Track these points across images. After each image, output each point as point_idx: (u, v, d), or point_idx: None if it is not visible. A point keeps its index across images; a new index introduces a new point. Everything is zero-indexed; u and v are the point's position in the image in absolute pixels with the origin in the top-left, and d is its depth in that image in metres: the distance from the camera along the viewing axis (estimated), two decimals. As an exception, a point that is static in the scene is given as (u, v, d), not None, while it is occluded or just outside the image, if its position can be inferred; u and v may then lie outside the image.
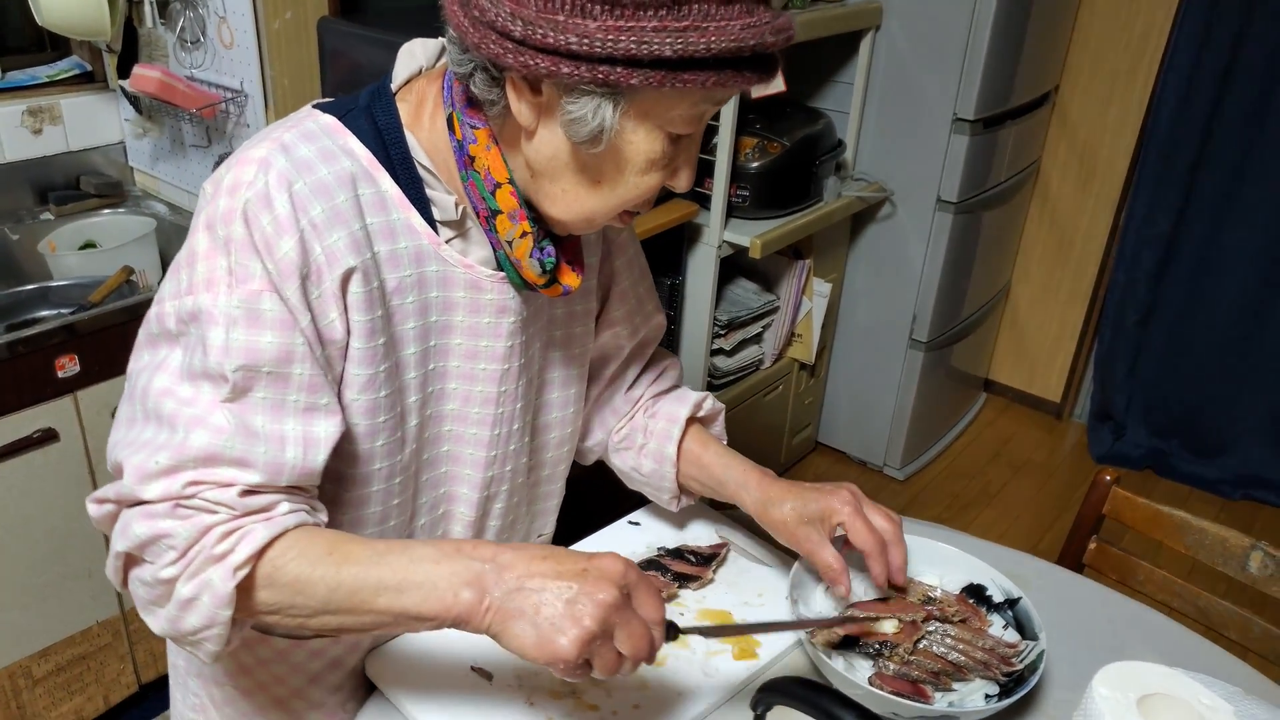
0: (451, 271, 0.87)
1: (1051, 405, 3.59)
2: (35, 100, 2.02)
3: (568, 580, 0.75)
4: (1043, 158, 3.28)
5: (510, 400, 0.96)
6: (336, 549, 0.77)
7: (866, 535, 1.01)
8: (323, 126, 0.82)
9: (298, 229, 0.77)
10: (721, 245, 2.34)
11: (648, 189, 0.82)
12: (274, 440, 0.77)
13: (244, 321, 0.76)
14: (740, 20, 0.71)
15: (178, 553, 0.74)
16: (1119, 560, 1.46)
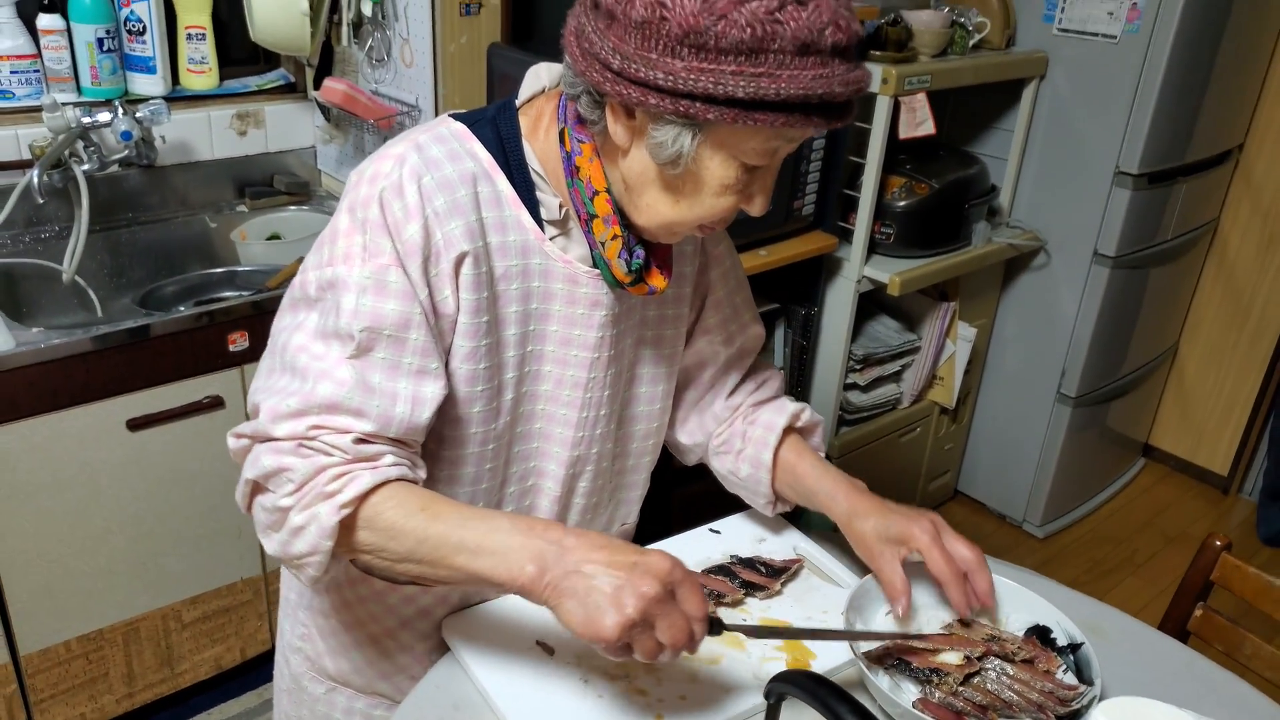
0: (552, 265, 0.98)
1: (1217, 478, 3.38)
2: (244, 106, 2.27)
3: (618, 570, 0.83)
4: (1222, 217, 3.12)
5: (599, 387, 1.05)
6: (429, 506, 0.88)
7: (943, 564, 1.07)
8: (453, 132, 0.94)
9: (423, 216, 0.89)
10: (861, 280, 2.35)
11: (723, 209, 0.91)
12: (387, 396, 0.89)
13: (373, 290, 0.88)
14: (813, 71, 0.78)
15: (295, 485, 0.86)
16: (1225, 630, 1.40)
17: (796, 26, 0.77)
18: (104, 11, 2.03)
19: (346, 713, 1.16)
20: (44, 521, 1.75)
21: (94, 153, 2.03)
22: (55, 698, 1.88)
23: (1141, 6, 2.40)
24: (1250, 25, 2.64)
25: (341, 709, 1.16)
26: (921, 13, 2.29)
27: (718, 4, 0.76)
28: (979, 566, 1.08)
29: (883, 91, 2.17)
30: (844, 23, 0.79)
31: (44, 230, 2.07)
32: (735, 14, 0.76)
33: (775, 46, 0.77)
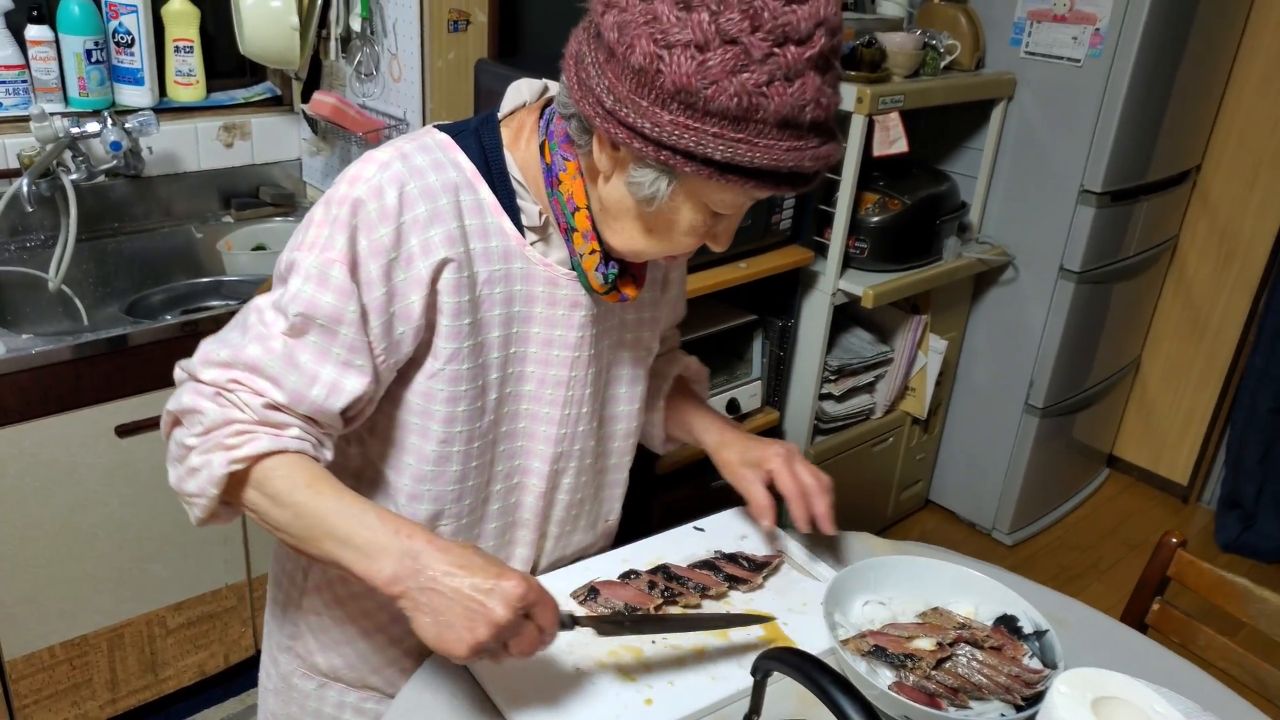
0: (533, 269, 1.03)
1: (1178, 488, 3.48)
2: (231, 118, 2.31)
3: (474, 594, 0.86)
4: (1181, 235, 3.23)
5: (580, 385, 1.10)
6: (315, 484, 0.92)
7: (789, 483, 1.22)
8: (438, 142, 0.99)
9: (398, 221, 0.93)
10: (836, 293, 2.42)
11: (688, 246, 0.98)
12: (308, 376, 0.93)
13: (315, 280, 0.92)
14: (789, 144, 0.84)
15: (202, 429, 0.91)
16: (1181, 623, 1.47)
17: (780, 102, 0.81)
18: (93, 23, 2.07)
19: (338, 707, 1.18)
20: (31, 526, 1.76)
21: (82, 162, 2.05)
22: (39, 703, 1.89)
23: (1104, 32, 2.50)
24: (1206, 52, 2.75)
25: (333, 704, 1.18)
26: (895, 34, 2.37)
27: (711, 69, 0.80)
28: (819, 492, 1.22)
29: (858, 111, 2.24)
30: (825, 101, 0.84)
31: (31, 239, 2.09)
32: (726, 82, 0.80)
33: (758, 117, 0.81)
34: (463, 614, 0.86)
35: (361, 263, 0.93)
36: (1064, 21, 2.56)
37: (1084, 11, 2.52)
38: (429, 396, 1.01)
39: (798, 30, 0.80)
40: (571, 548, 1.24)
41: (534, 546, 1.18)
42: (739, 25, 0.79)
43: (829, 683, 0.78)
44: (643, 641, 1.12)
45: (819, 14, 0.81)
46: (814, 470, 1.23)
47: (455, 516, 1.09)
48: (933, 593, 1.21)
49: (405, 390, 1.02)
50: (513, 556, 1.18)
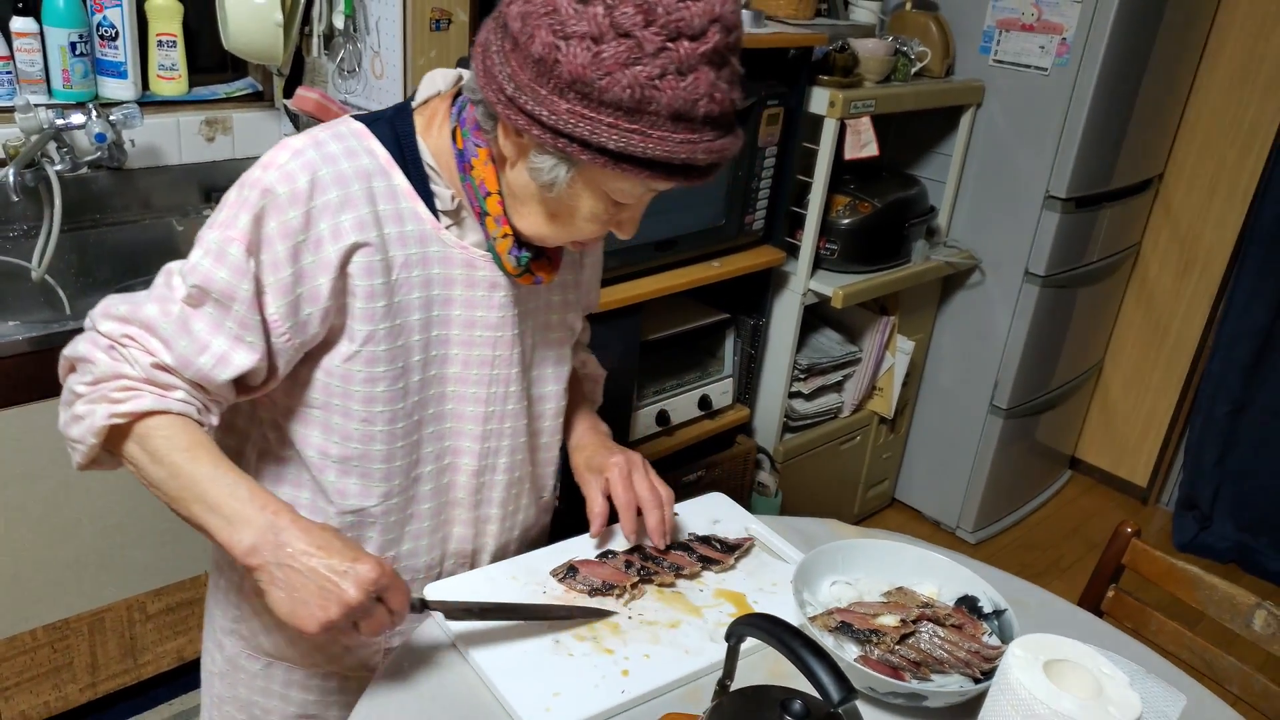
0: (450, 252, 1.06)
1: (1137, 489, 3.57)
2: (213, 113, 2.33)
3: (329, 575, 0.91)
4: (1143, 242, 3.32)
5: (505, 364, 1.14)
6: (193, 449, 0.95)
7: (620, 495, 1.22)
8: (353, 130, 1.02)
9: (308, 205, 0.96)
10: (806, 293, 2.48)
11: (592, 233, 1.02)
12: (198, 343, 0.96)
13: (213, 255, 0.95)
14: (683, 136, 0.87)
15: (92, 378, 0.95)
16: (1134, 609, 1.54)
17: (673, 95, 0.84)
18: (77, 16, 2.08)
19: (285, 685, 1.20)
20: (15, 511, 1.78)
21: (66, 154, 2.07)
22: (20, 685, 1.90)
23: (1070, 41, 2.58)
24: (1170, 63, 2.85)
25: (280, 682, 1.20)
26: (867, 41, 2.44)
27: (605, 61, 0.83)
28: (652, 505, 1.22)
29: (830, 114, 2.30)
30: (720, 95, 0.87)
31: (14, 229, 2.10)
32: (620, 74, 0.83)
33: (651, 109, 0.85)
34: (316, 592, 0.90)
35: (266, 243, 0.95)
36: (1032, 31, 2.64)
37: (1051, 21, 2.60)
38: (347, 378, 1.04)
39: (691, 26, 0.84)
40: (518, 528, 1.27)
41: (472, 525, 1.20)
42: (633, 19, 0.83)
43: (799, 645, 0.83)
44: (619, 616, 1.16)
45: (714, 11, 0.85)
46: (654, 482, 1.24)
47: (385, 495, 1.11)
48: (897, 574, 1.27)
49: (323, 372, 1.05)
50: (451, 536, 1.20)
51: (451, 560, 1.22)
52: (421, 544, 1.17)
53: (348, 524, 1.11)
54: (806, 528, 1.42)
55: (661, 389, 2.25)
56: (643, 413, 2.19)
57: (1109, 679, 0.83)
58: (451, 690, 1.05)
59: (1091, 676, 0.84)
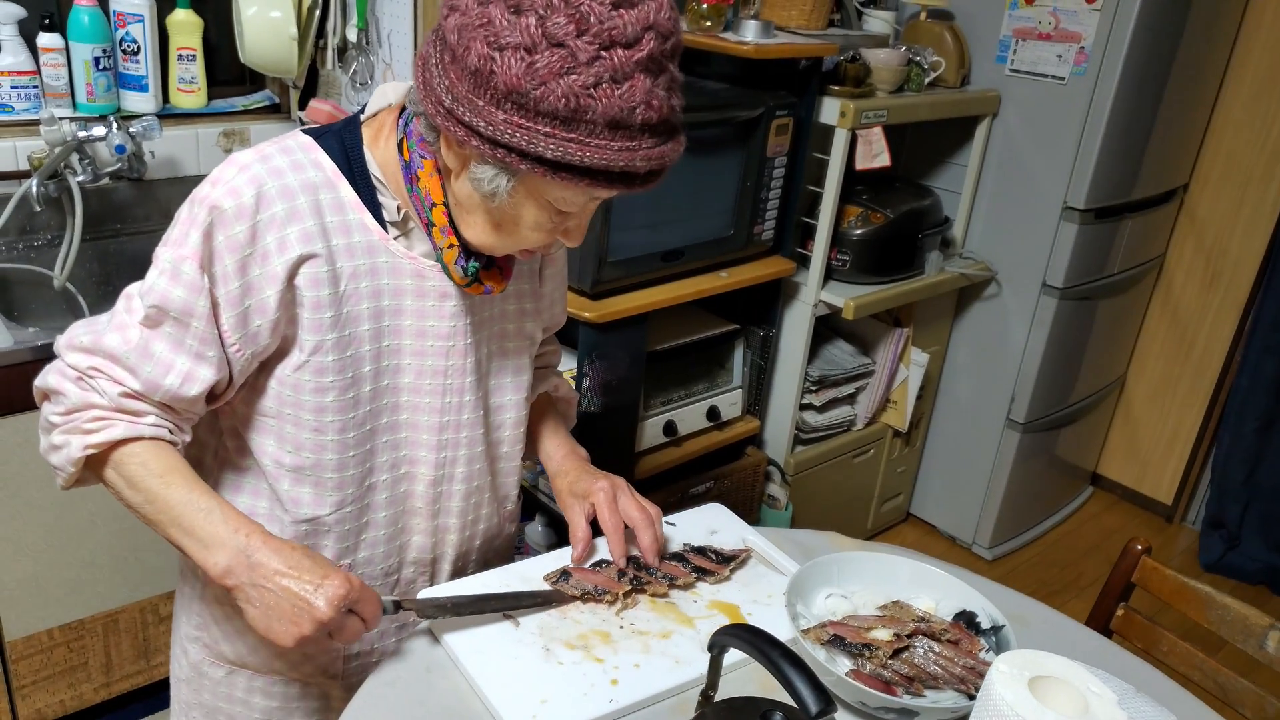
0: (399, 262, 1.07)
1: (1162, 507, 3.51)
2: (230, 125, 2.37)
3: (301, 593, 0.95)
4: (1167, 254, 3.28)
5: (458, 374, 1.14)
6: (167, 474, 0.99)
7: (607, 518, 1.21)
8: (300, 144, 1.03)
9: (254, 219, 0.97)
10: (817, 304, 2.47)
11: (537, 242, 1.02)
12: (162, 365, 0.99)
13: (169, 274, 0.96)
14: (620, 144, 0.87)
15: (65, 410, 0.99)
16: (1144, 628, 1.51)
17: (608, 104, 0.85)
18: (101, 32, 2.13)
19: (247, 691, 1.21)
20: (32, 513, 1.81)
21: (88, 165, 2.11)
22: (37, 684, 1.93)
23: (1089, 50, 2.56)
24: (1194, 71, 2.81)
25: (242, 689, 1.21)
26: (879, 50, 2.43)
27: (539, 71, 0.84)
28: (644, 525, 1.22)
29: (840, 124, 2.30)
30: (657, 103, 0.87)
31: (38, 238, 2.14)
32: (554, 83, 0.84)
33: (587, 118, 0.85)
34: (289, 610, 0.95)
35: (216, 258, 0.97)
36: (1049, 40, 2.63)
37: (1069, 30, 2.58)
38: (297, 388, 1.05)
39: (624, 34, 0.84)
40: (479, 536, 1.27)
41: (430, 535, 1.21)
42: (565, 29, 0.83)
43: (778, 656, 0.83)
44: (610, 626, 1.16)
45: (647, 19, 0.85)
46: (640, 503, 1.24)
47: (338, 505, 1.12)
48: (895, 588, 1.25)
49: (275, 381, 1.06)
50: (409, 544, 1.20)
51: (411, 568, 1.22)
52: (378, 552, 1.18)
53: (302, 533, 1.12)
54: (806, 540, 1.42)
55: (669, 399, 2.25)
56: (649, 423, 2.19)
57: (1096, 697, 0.82)
58: (440, 696, 1.06)
59: (1078, 694, 0.83)
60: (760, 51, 2.05)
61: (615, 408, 2.07)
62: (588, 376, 2.03)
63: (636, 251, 2.00)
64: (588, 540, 1.22)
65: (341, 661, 1.20)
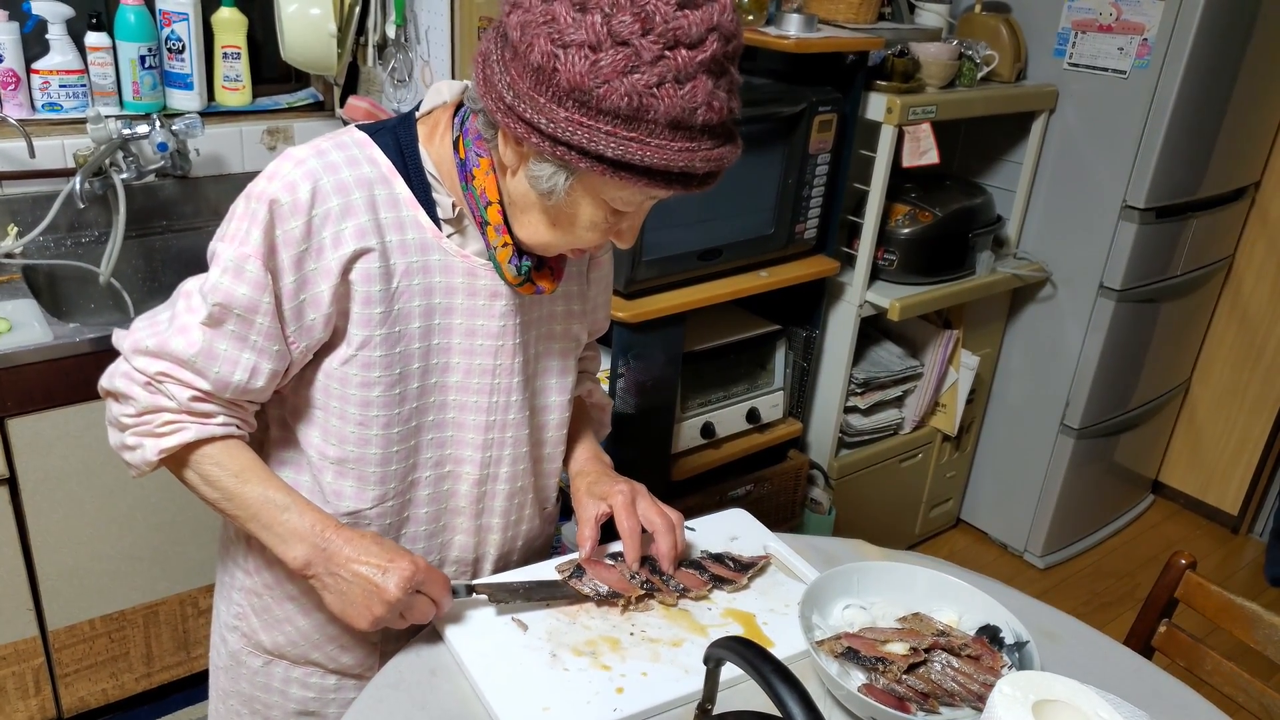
0: (451, 260, 1.06)
1: (1227, 517, 3.38)
2: (275, 122, 2.39)
3: (370, 578, 1.01)
4: (1236, 255, 3.15)
5: (506, 374, 1.14)
6: (242, 473, 1.04)
7: (625, 522, 1.19)
8: (355, 140, 1.03)
9: (309, 214, 0.97)
10: (863, 305, 2.42)
11: (592, 241, 1.02)
12: (229, 362, 1.00)
13: (232, 272, 0.97)
14: (680, 144, 0.87)
15: (136, 412, 1.02)
16: (1187, 646, 1.44)
17: (670, 104, 0.84)
18: (147, 31, 2.16)
19: (284, 682, 1.22)
20: (74, 505, 1.85)
21: (132, 162, 2.15)
22: (79, 673, 1.97)
23: (1152, 42, 2.46)
24: (1266, 64, 2.67)
25: (279, 679, 1.22)
26: (929, 45, 2.36)
27: (603, 69, 0.83)
28: (664, 531, 1.20)
29: (886, 121, 2.24)
30: (718, 104, 0.87)
31: (84, 235, 2.19)
32: (617, 82, 0.83)
33: (649, 118, 0.85)
34: (361, 594, 1.02)
35: (274, 252, 0.98)
36: (1110, 32, 2.53)
37: (1131, 21, 2.49)
38: (344, 381, 1.06)
39: (689, 35, 0.83)
40: (521, 538, 1.27)
41: (474, 534, 1.21)
42: (630, 28, 0.83)
43: (770, 672, 0.79)
44: (620, 632, 1.14)
45: (712, 20, 0.84)
46: (660, 509, 1.22)
47: (379, 499, 1.12)
48: (916, 599, 1.21)
49: (323, 374, 1.07)
50: (451, 544, 1.21)
51: (453, 567, 1.22)
52: (418, 548, 1.18)
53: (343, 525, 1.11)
54: (829, 548, 1.38)
55: (707, 401, 2.21)
56: (687, 424, 2.16)
57: (1101, 724, 0.77)
58: (442, 700, 1.05)
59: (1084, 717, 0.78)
60: (802, 46, 2.01)
61: (651, 408, 2.04)
62: (623, 376, 2.00)
63: (673, 250, 1.97)
64: (594, 540, 1.20)
65: (378, 656, 1.21)
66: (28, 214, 2.10)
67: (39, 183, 2.13)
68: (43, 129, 2.11)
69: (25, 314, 1.82)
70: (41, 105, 2.13)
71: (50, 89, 2.12)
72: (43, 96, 2.12)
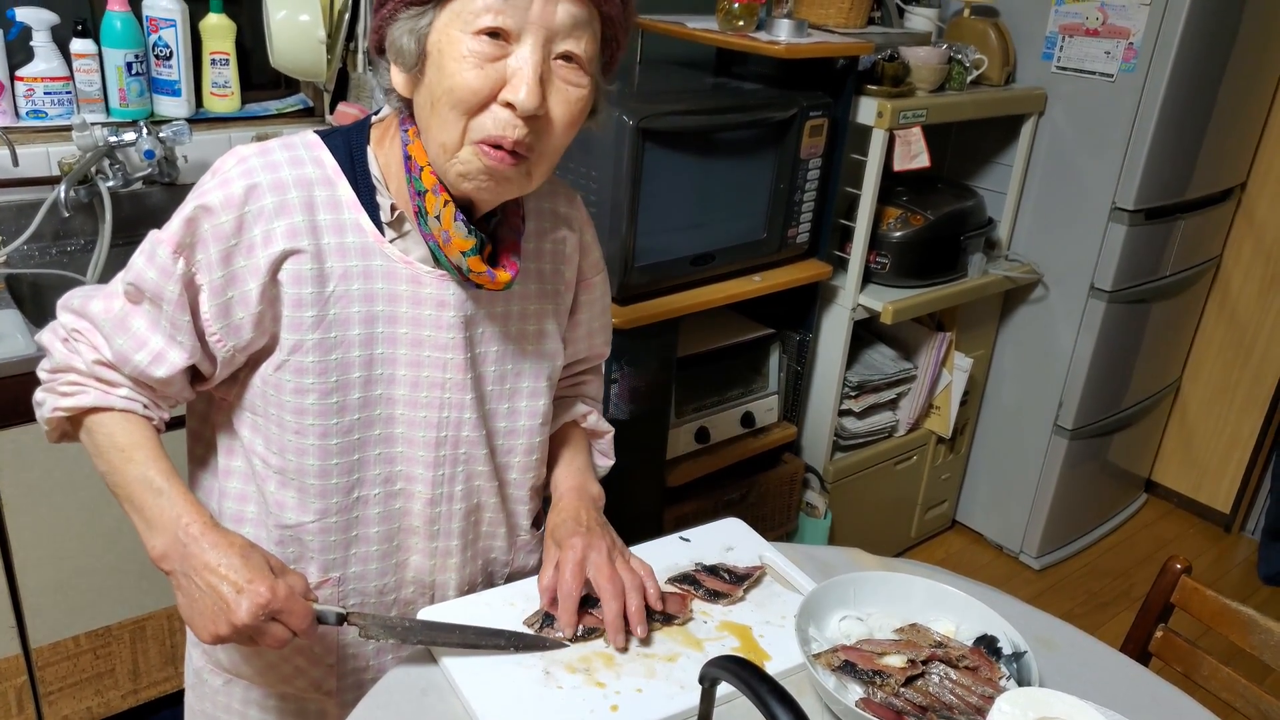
0: (394, 266, 1.03)
1: (1220, 516, 3.39)
2: (263, 128, 2.37)
3: (224, 594, 0.92)
4: (1224, 255, 3.16)
5: (457, 389, 1.09)
6: (130, 449, 1.00)
7: (567, 579, 1.11)
8: (305, 141, 1.02)
9: (242, 210, 0.97)
10: (856, 308, 2.41)
11: (473, 93, 0.90)
12: (135, 340, 1.00)
13: (146, 255, 0.99)
14: None
15: (50, 369, 1.04)
16: (1184, 651, 1.44)
17: None
18: (134, 37, 2.14)
19: (244, 703, 1.19)
20: (58, 519, 1.82)
21: (119, 170, 2.13)
22: (63, 691, 1.95)
23: (1138, 46, 2.46)
24: (1251, 67, 2.69)
25: (239, 699, 1.19)
26: (919, 49, 2.36)
27: None
28: (610, 596, 1.10)
29: (878, 125, 2.23)
30: None
31: (69, 243, 2.16)
32: None
33: None
34: (210, 608, 0.93)
35: (200, 245, 0.97)
36: (1096, 36, 2.53)
37: (1118, 26, 2.49)
38: (279, 387, 1.03)
39: None
40: (491, 566, 1.24)
41: (429, 556, 1.16)
42: None
43: (766, 692, 0.78)
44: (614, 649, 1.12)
45: None
46: (614, 570, 1.12)
47: (321, 513, 1.08)
48: (913, 609, 1.20)
49: (258, 379, 1.04)
50: (407, 564, 1.16)
51: (410, 589, 1.18)
52: (371, 568, 1.14)
53: (286, 538, 1.09)
54: (826, 557, 1.37)
55: (701, 405, 2.21)
56: (681, 430, 2.15)
57: (1103, 743, 0.76)
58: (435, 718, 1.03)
59: (1084, 738, 0.78)
60: (792, 51, 2.00)
61: (645, 414, 2.03)
62: (617, 382, 1.99)
63: (664, 256, 1.96)
64: (551, 591, 1.12)
65: (335, 678, 1.18)
66: (11, 223, 2.07)
67: (23, 191, 2.10)
68: (27, 136, 2.08)
69: (8, 325, 1.80)
70: (26, 113, 2.10)
71: (35, 96, 2.09)
72: (27, 104, 2.10)
